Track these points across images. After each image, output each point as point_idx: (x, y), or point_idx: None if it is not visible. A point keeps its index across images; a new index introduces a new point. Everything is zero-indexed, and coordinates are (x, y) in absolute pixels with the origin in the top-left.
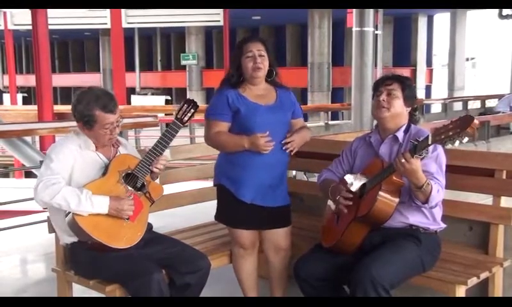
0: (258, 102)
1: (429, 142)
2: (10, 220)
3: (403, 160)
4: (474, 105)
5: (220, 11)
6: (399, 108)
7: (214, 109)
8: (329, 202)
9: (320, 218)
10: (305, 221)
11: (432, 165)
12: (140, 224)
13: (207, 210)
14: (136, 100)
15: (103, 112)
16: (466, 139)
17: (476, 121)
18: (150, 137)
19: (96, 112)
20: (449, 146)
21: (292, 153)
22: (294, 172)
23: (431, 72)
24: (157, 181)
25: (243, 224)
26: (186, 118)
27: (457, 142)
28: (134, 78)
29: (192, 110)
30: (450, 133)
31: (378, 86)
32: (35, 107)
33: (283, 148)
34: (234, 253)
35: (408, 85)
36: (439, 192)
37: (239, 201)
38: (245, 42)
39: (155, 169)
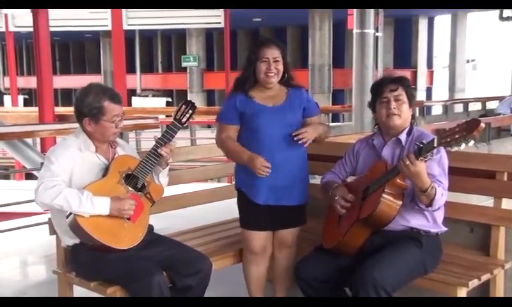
0: (266, 104)
1: (435, 145)
2: (11, 222)
3: (408, 162)
4: (475, 107)
5: (221, 12)
6: (407, 112)
7: (223, 113)
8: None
9: (322, 220)
10: (306, 223)
11: (435, 168)
12: (141, 224)
13: (209, 211)
14: (137, 101)
15: (112, 103)
16: (471, 142)
17: (483, 125)
18: (150, 139)
19: (105, 104)
20: (454, 149)
21: (305, 145)
22: None
23: (431, 74)
24: (163, 179)
25: (257, 226)
26: (184, 119)
27: (462, 146)
28: (134, 80)
29: (190, 111)
30: (457, 136)
31: (382, 89)
32: (36, 108)
33: (295, 139)
34: (245, 257)
35: (408, 85)
36: (443, 196)
37: (253, 204)
38: (261, 46)
39: (163, 153)
